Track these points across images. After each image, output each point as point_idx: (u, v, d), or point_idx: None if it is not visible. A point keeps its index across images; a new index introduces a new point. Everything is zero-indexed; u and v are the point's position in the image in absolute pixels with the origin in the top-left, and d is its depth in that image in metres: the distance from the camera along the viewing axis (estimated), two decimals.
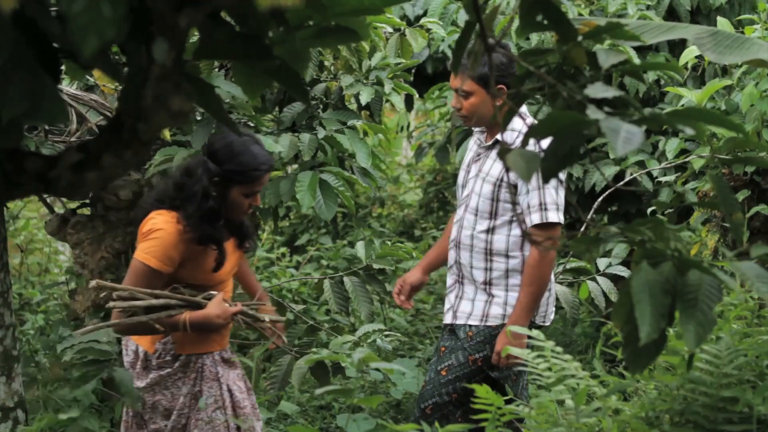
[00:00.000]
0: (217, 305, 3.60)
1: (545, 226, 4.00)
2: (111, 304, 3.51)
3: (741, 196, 4.87)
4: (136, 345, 3.80)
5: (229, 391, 3.81)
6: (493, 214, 4.13)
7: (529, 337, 3.01)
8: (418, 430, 2.65)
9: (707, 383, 2.52)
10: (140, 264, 3.56)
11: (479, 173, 4.19)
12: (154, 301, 3.49)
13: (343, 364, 4.23)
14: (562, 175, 4.38)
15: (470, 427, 2.75)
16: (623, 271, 4.89)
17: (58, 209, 4.96)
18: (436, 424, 3.09)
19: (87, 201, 4.83)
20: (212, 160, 3.59)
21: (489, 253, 4.16)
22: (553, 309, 4.32)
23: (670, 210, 5.23)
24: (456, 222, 4.30)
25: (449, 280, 4.33)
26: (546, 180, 1.83)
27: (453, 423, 3.40)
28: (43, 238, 8.09)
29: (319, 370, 4.26)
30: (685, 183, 5.30)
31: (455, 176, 9.87)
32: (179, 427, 3.77)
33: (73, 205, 4.91)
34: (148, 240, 3.57)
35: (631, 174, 5.80)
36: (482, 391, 2.79)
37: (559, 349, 2.89)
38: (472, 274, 4.20)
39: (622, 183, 5.67)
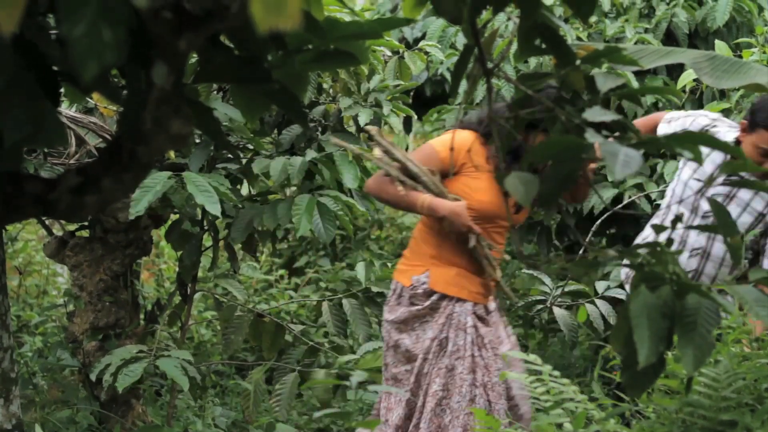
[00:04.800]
0: (461, 207, 3.75)
1: None
2: (375, 151, 3.80)
3: None
4: (396, 282, 3.98)
5: (477, 346, 3.85)
6: None
7: (527, 361, 3.00)
8: None
9: (706, 406, 2.51)
10: (428, 146, 3.90)
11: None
12: (410, 165, 3.76)
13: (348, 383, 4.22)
14: None
15: None
16: (622, 294, 4.88)
17: (57, 231, 4.95)
18: None
19: (86, 223, 4.82)
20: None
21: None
22: None
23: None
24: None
25: None
26: (544, 205, 1.84)
27: None
28: (42, 260, 8.06)
29: (324, 391, 4.26)
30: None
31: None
32: (423, 373, 3.84)
33: (71, 227, 4.90)
34: (446, 134, 3.92)
35: (630, 197, 5.80)
36: (480, 414, 2.78)
37: (557, 372, 2.89)
38: None
39: (620, 206, 5.66)
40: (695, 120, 4.40)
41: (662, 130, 4.44)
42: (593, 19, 6.22)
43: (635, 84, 5.57)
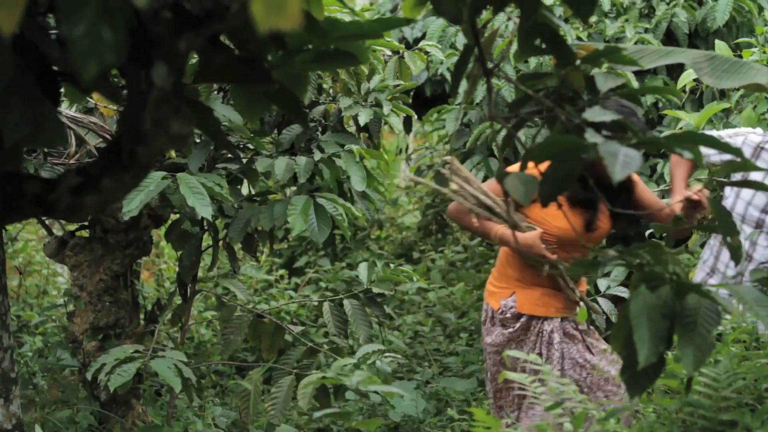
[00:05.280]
0: (532, 237, 3.84)
1: None
2: (452, 184, 3.90)
3: None
4: (486, 304, 4.15)
5: (564, 359, 4.03)
6: None
7: (527, 361, 3.00)
8: None
9: (706, 406, 2.51)
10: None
11: None
12: (482, 198, 3.87)
13: (346, 384, 4.22)
14: None
15: None
16: (623, 292, 4.88)
17: (57, 231, 4.95)
18: None
19: (86, 223, 4.82)
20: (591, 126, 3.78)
21: None
22: None
23: (669, 233, 5.21)
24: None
25: None
26: (544, 204, 1.84)
27: None
28: (42, 260, 8.07)
29: (320, 392, 4.24)
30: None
31: None
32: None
33: (71, 227, 4.90)
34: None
35: None
36: (480, 414, 2.78)
37: (557, 372, 2.89)
38: None
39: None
40: (747, 138, 4.33)
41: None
42: (593, 19, 6.23)
43: (635, 84, 5.57)
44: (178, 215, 4.64)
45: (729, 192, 4.45)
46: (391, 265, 6.21)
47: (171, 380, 4.03)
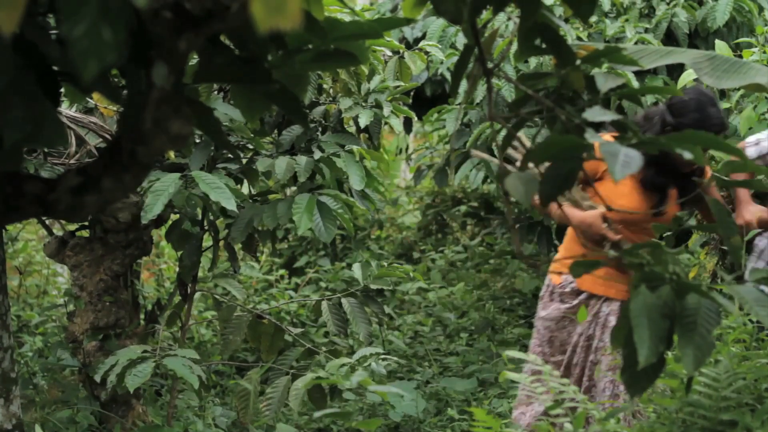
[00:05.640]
0: (593, 216, 3.77)
1: None
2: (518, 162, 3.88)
3: None
4: (548, 278, 4.14)
5: None
6: None
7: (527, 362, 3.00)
8: None
9: (706, 406, 2.51)
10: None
11: None
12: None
13: (339, 387, 4.22)
14: None
15: None
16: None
17: (57, 231, 4.95)
18: None
19: (86, 223, 4.82)
20: (669, 111, 3.85)
21: None
22: None
23: (669, 233, 5.22)
24: None
25: None
26: (545, 204, 1.83)
27: None
28: (42, 260, 8.07)
29: (316, 392, 4.24)
30: None
31: (454, 198, 9.88)
32: (572, 364, 4.03)
33: (71, 227, 4.90)
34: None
35: None
36: (480, 414, 2.78)
37: (557, 372, 2.89)
38: None
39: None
40: None
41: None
42: (593, 19, 6.22)
43: (635, 84, 5.56)
44: (178, 215, 4.64)
45: None
46: (386, 264, 6.20)
47: (189, 377, 4.03)
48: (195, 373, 4.07)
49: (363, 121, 4.56)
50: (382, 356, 4.16)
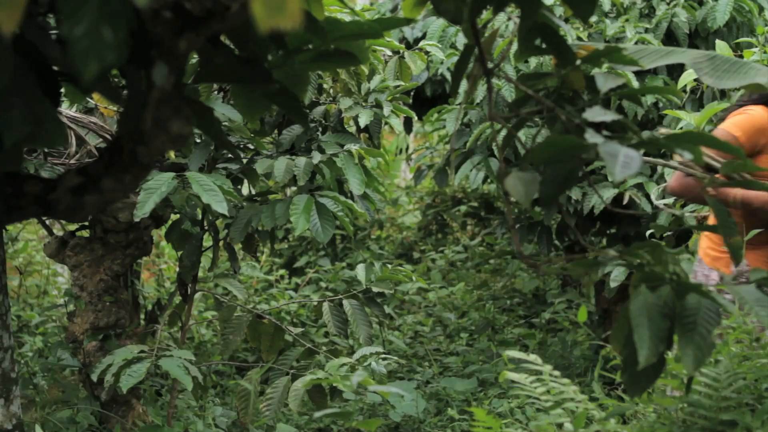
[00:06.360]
0: None
1: None
2: (675, 156, 3.86)
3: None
4: (710, 270, 3.94)
5: None
6: None
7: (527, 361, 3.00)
8: None
9: (706, 406, 2.51)
10: (723, 132, 3.79)
11: None
12: (711, 162, 3.82)
13: (338, 387, 4.22)
14: None
15: None
16: None
17: (57, 231, 4.95)
18: None
19: (86, 223, 4.83)
20: None
21: None
22: None
23: (669, 233, 5.22)
24: None
25: None
26: (545, 204, 1.83)
27: None
28: (42, 260, 8.07)
29: (316, 392, 4.24)
30: (683, 206, 5.30)
31: (454, 198, 9.89)
32: None
33: (72, 227, 4.90)
34: (738, 115, 3.80)
35: (630, 197, 5.79)
36: (480, 414, 2.78)
37: (557, 372, 2.89)
38: None
39: (621, 204, 5.66)
40: None
41: None
42: (593, 19, 6.22)
43: (635, 84, 5.56)
44: (178, 215, 4.64)
45: None
46: (390, 266, 6.20)
47: (182, 379, 4.03)
48: (191, 374, 4.07)
49: (363, 121, 4.56)
50: (383, 356, 4.16)
